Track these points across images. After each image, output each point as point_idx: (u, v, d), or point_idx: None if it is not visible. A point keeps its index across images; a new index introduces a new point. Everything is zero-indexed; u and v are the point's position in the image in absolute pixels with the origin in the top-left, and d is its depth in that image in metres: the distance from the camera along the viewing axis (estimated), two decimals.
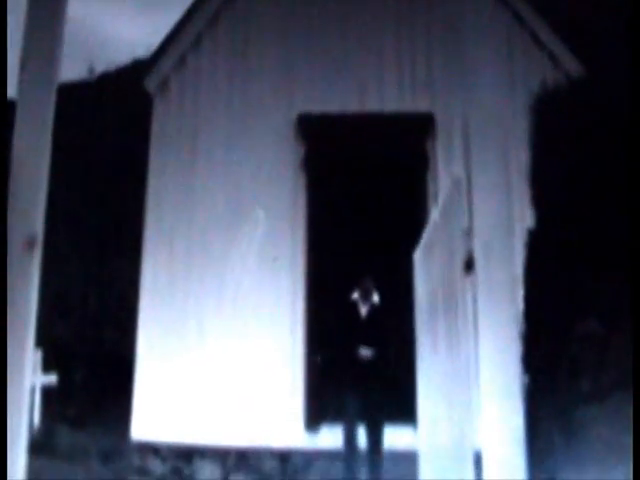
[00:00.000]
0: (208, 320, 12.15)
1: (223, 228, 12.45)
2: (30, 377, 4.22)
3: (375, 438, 10.35)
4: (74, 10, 5.56)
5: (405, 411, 9.48)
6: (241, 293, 12.17)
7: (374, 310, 10.89)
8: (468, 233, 5.23)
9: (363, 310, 10.88)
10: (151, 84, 13.01)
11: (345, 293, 10.81)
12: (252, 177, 12.65)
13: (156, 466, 11.84)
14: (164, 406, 11.96)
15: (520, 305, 5.68)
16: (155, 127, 12.76)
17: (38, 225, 4.36)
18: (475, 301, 4.81)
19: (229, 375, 12.09)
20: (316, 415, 11.65)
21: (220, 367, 12.11)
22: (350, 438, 10.29)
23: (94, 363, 14.98)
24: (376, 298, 10.91)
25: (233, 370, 12.09)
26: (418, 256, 8.39)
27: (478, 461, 4.37)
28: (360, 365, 10.38)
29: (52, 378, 12.83)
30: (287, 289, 12.31)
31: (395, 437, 10.44)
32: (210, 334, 12.13)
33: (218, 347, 12.13)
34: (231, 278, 12.22)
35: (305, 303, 12.27)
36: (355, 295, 10.91)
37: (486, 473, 4.14)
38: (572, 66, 11.92)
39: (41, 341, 4.79)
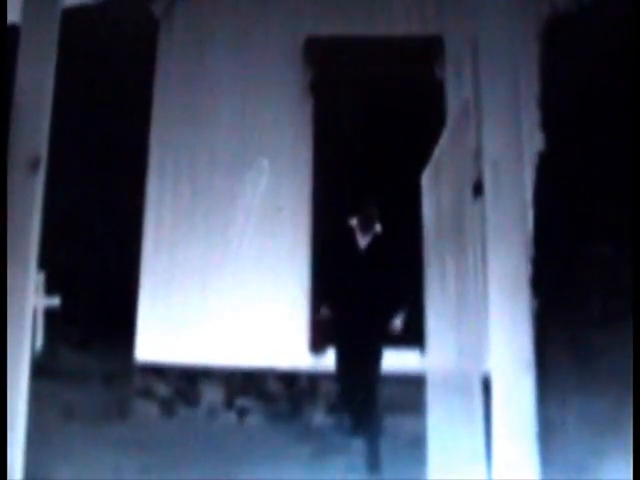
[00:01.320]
0: (213, 271, 12.18)
1: (229, 169, 12.43)
2: (32, 298, 4.23)
3: (369, 363, 9.71)
4: None
5: (412, 335, 9.49)
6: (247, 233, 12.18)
7: (376, 241, 9.94)
8: (477, 155, 5.18)
9: (363, 242, 9.97)
10: (157, 8, 12.87)
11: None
12: (258, 102, 12.57)
13: (160, 388, 11.92)
14: (168, 328, 12.01)
15: (530, 229, 5.65)
16: (161, 52, 12.66)
17: (42, 146, 4.39)
18: (484, 224, 4.77)
19: (234, 300, 12.12)
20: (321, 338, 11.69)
21: (225, 294, 12.14)
22: (343, 360, 9.99)
23: (98, 285, 15.04)
24: (379, 228, 9.99)
25: (238, 297, 12.12)
26: (426, 179, 8.33)
27: (487, 387, 4.37)
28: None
29: (55, 300, 12.86)
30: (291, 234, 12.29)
31: (401, 359, 10.47)
32: (215, 282, 12.16)
33: (223, 285, 12.14)
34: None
35: (311, 246, 12.24)
36: (354, 223, 9.94)
37: (495, 398, 4.14)
38: None
39: (44, 264, 4.79)
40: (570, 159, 5.79)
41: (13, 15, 4.50)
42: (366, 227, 9.91)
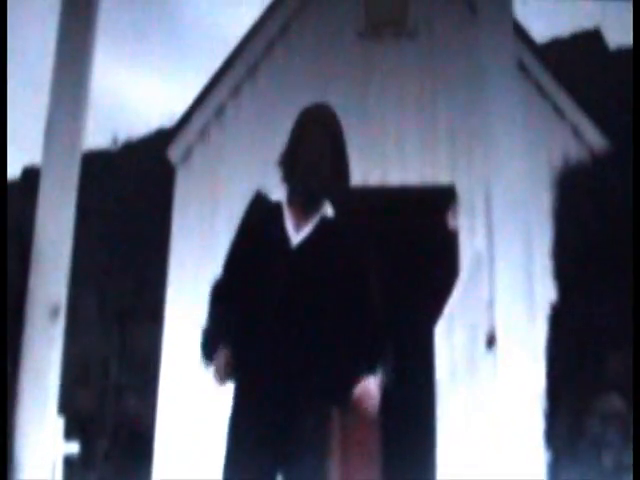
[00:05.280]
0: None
1: None
2: (52, 446, 4.19)
3: None
4: (99, 79, 5.59)
5: None
6: None
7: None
8: (490, 307, 5.17)
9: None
10: (174, 154, 13.04)
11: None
12: None
13: None
14: (184, 475, 11.82)
15: (542, 380, 5.60)
16: (177, 197, 12.78)
17: (61, 294, 4.47)
18: (496, 376, 4.74)
19: None
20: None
21: None
22: None
23: (116, 431, 14.88)
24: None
25: None
26: (439, 329, 8.30)
27: None
28: None
29: (74, 446, 12.71)
30: None
31: None
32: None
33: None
34: None
35: None
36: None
37: None
38: (595, 140, 11.87)
39: (63, 408, 4.74)
40: (582, 311, 5.76)
41: (33, 156, 4.58)
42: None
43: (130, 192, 15.81)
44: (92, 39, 5.16)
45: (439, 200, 12.17)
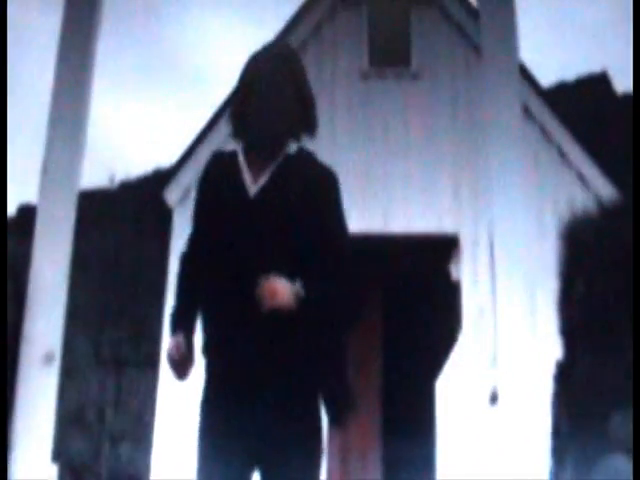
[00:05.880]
0: None
1: None
2: None
3: None
4: (96, 117, 5.50)
5: None
6: None
7: None
8: (493, 362, 5.02)
9: None
10: (171, 196, 12.94)
11: None
12: None
13: None
14: None
15: (546, 438, 5.44)
16: (174, 240, 12.66)
17: (56, 341, 4.33)
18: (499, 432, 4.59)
19: None
20: None
21: None
22: None
23: (110, 478, 14.77)
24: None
25: None
26: (440, 383, 8.15)
27: None
28: None
29: None
30: None
31: None
32: None
33: None
34: None
35: None
36: None
37: None
38: (603, 188, 11.70)
39: (58, 455, 4.68)
40: (589, 368, 5.61)
41: (29, 194, 4.52)
42: None
43: (127, 234, 15.72)
44: (90, 78, 5.14)
45: (442, 249, 12.03)
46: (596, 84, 17.02)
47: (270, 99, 3.46)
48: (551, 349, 5.55)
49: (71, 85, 5.00)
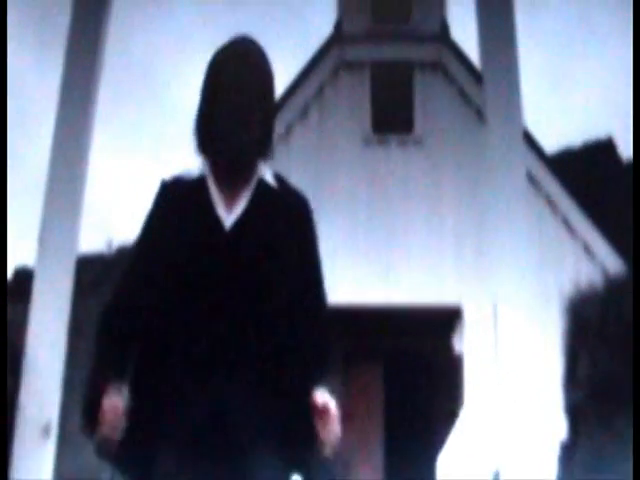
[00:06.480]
0: None
1: None
2: None
3: None
4: (93, 181, 5.42)
5: None
6: None
7: None
8: (495, 440, 4.89)
9: None
10: None
11: None
12: None
13: None
14: None
15: None
16: None
17: (53, 411, 4.23)
18: None
19: None
20: None
21: None
22: None
23: None
24: None
25: None
26: (442, 459, 7.97)
27: None
28: None
29: None
30: None
31: None
32: None
33: None
34: None
35: None
36: None
37: None
38: (609, 260, 11.56)
39: None
40: (593, 447, 5.46)
41: (23, 257, 4.49)
42: None
43: None
44: (88, 141, 5.15)
45: (445, 322, 11.88)
46: (602, 150, 17.00)
47: (238, 116, 2.95)
48: (556, 426, 5.40)
49: (70, 148, 4.97)
